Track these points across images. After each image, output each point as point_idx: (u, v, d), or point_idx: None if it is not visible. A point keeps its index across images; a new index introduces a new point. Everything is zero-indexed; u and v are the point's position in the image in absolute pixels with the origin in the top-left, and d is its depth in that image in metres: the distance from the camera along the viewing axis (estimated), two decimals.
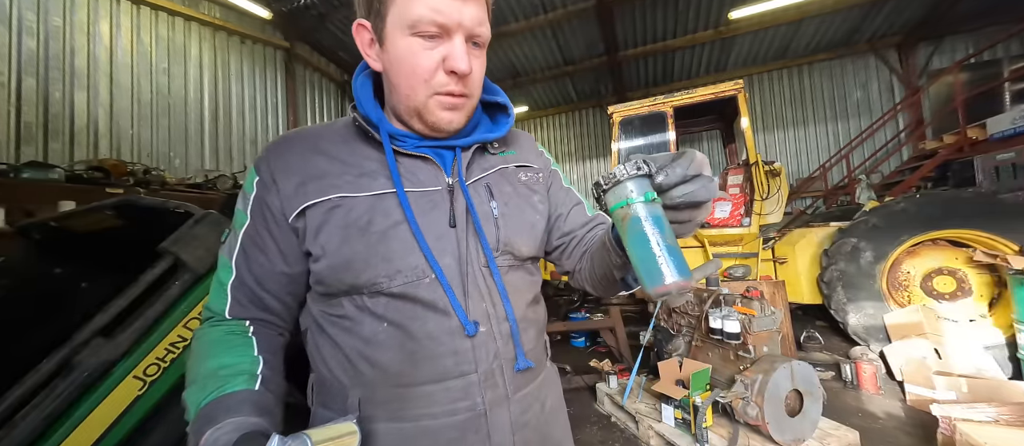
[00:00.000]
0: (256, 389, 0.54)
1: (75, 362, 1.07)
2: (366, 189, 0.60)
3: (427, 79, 0.57)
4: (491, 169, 0.69)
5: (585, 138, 11.23)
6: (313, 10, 7.32)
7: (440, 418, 0.59)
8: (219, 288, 0.62)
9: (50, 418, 1.00)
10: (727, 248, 3.89)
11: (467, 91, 0.60)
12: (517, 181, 0.71)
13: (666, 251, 0.39)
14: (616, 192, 0.41)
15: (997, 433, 1.78)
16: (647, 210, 0.40)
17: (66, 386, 1.03)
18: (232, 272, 0.61)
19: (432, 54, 0.56)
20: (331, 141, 0.64)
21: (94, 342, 1.12)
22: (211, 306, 0.63)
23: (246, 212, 0.62)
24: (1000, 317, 2.99)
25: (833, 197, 7.92)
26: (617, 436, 2.53)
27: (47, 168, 3.60)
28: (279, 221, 0.60)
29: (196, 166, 6.16)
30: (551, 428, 0.69)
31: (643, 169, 0.41)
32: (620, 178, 0.41)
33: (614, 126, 4.36)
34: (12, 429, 0.96)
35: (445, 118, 0.60)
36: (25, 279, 1.43)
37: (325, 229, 0.58)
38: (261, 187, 0.61)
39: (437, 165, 0.64)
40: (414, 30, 0.55)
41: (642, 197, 0.41)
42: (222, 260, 0.63)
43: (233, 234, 0.63)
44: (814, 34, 8.47)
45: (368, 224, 0.58)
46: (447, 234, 0.61)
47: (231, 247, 0.62)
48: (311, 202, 0.59)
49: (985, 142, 5.12)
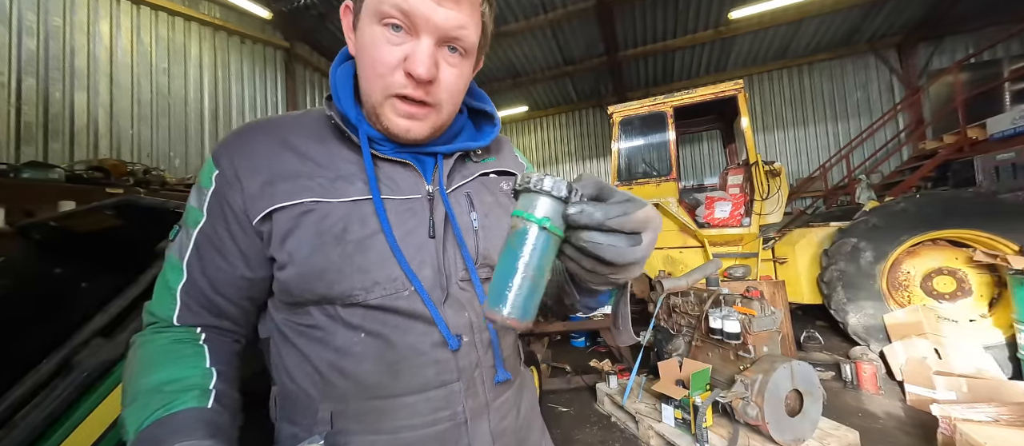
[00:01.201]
0: (209, 406, 0.48)
1: (75, 362, 1.07)
2: (342, 194, 0.55)
3: (383, 75, 0.52)
4: (470, 177, 0.65)
5: (585, 138, 11.23)
6: (313, 10, 7.32)
7: (420, 429, 0.56)
8: (165, 291, 0.56)
9: (50, 418, 1.00)
10: (727, 248, 3.89)
11: (431, 99, 0.54)
12: (499, 190, 0.68)
13: (524, 284, 0.35)
14: (524, 199, 0.37)
15: (997, 433, 1.78)
16: (538, 236, 0.36)
17: (66, 386, 1.03)
18: (183, 274, 0.55)
19: (394, 50, 0.51)
20: (302, 137, 0.58)
21: (94, 342, 1.11)
22: (155, 311, 0.56)
23: (201, 209, 0.56)
24: (1000, 317, 2.99)
25: (833, 197, 7.92)
26: (617, 436, 2.53)
27: (47, 168, 3.60)
28: (241, 222, 0.54)
29: (196, 166, 6.17)
30: (528, 432, 0.69)
31: (561, 193, 0.36)
32: (533, 188, 0.36)
33: (614, 126, 4.36)
34: (12, 429, 0.96)
35: (401, 125, 0.55)
36: (25, 279, 1.43)
37: (294, 235, 0.53)
38: (222, 182, 0.55)
39: (418, 172, 0.60)
40: (382, 18, 0.50)
41: (544, 220, 0.36)
42: (170, 260, 0.57)
43: (184, 232, 0.57)
44: (814, 34, 8.47)
45: (343, 232, 0.54)
46: (426, 245, 0.57)
47: (182, 246, 0.56)
48: (280, 205, 0.53)
49: (985, 142, 5.12)
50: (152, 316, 0.57)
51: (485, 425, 0.60)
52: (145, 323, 0.58)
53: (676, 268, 4.02)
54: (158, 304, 0.56)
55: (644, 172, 4.37)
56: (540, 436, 0.72)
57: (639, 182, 4.19)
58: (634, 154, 4.46)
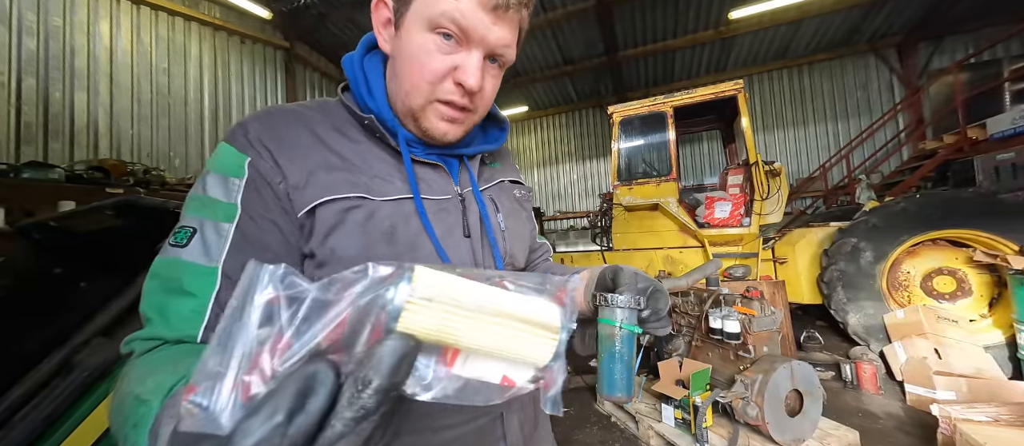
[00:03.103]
0: None
1: (75, 362, 1.08)
2: (383, 193, 0.55)
3: (432, 82, 0.53)
4: (492, 181, 0.70)
5: (585, 138, 11.23)
6: (313, 10, 7.33)
7: (458, 428, 0.58)
8: (184, 304, 0.45)
9: (50, 418, 1.00)
10: (727, 248, 3.89)
11: (472, 106, 0.57)
12: (512, 197, 0.73)
13: (627, 372, 0.51)
14: (611, 312, 0.52)
15: (997, 433, 1.77)
16: (627, 338, 0.51)
17: (66, 386, 1.03)
18: (216, 281, 0.46)
19: (445, 59, 0.52)
20: (327, 129, 0.57)
21: (94, 342, 1.12)
22: (162, 333, 0.44)
23: (234, 201, 0.49)
24: (1000, 317, 2.99)
25: (833, 197, 7.92)
26: (617, 436, 2.53)
27: (47, 168, 3.61)
28: (288, 212, 0.51)
29: (196, 166, 6.17)
30: (541, 421, 0.73)
31: (637, 305, 0.52)
32: (619, 306, 0.52)
33: (614, 126, 4.36)
34: (12, 429, 0.96)
35: (440, 128, 0.57)
36: (25, 279, 1.43)
37: (339, 231, 0.51)
38: (260, 170, 0.50)
39: (447, 173, 0.62)
40: (434, 27, 0.51)
41: (627, 326, 0.51)
42: (189, 267, 0.46)
43: (210, 230, 0.48)
44: (814, 34, 8.47)
45: (392, 230, 0.54)
46: (462, 244, 0.60)
47: (209, 247, 0.47)
48: (327, 198, 0.51)
49: (985, 142, 5.12)
50: (157, 339, 0.44)
51: (515, 417, 0.64)
52: (145, 350, 0.44)
53: (676, 268, 4.02)
54: (171, 323, 0.44)
55: (644, 172, 4.37)
56: (545, 421, 0.76)
57: (639, 182, 4.19)
58: (634, 154, 4.45)
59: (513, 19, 0.53)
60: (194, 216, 0.49)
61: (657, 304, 0.55)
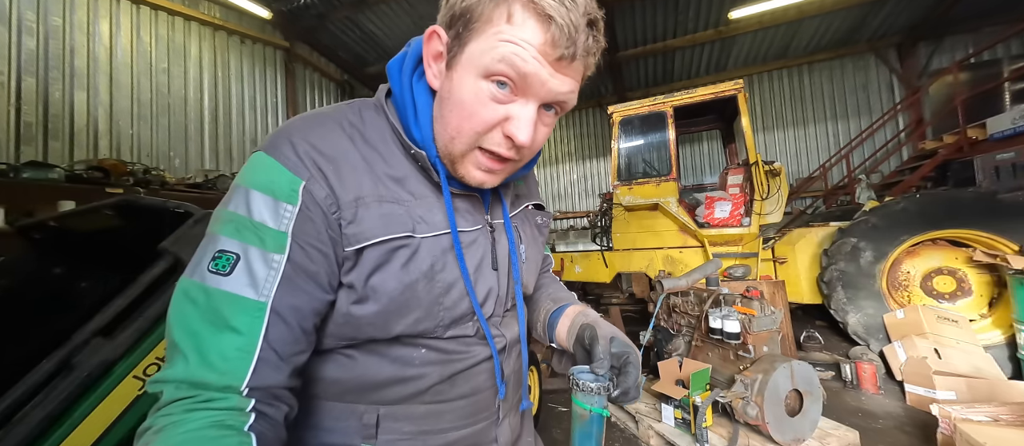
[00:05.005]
0: None
1: (75, 362, 1.07)
2: (426, 229, 0.53)
3: (480, 132, 0.49)
4: (518, 208, 0.69)
5: (585, 138, 11.23)
6: (313, 10, 7.32)
7: (461, 429, 0.60)
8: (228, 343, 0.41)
9: (50, 418, 1.00)
10: (727, 248, 3.89)
11: (517, 158, 0.52)
12: (534, 223, 0.72)
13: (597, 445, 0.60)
14: (583, 396, 0.58)
15: (997, 433, 1.77)
16: (597, 419, 0.58)
17: (66, 386, 1.03)
18: (264, 318, 0.42)
19: (498, 108, 0.48)
20: (371, 150, 0.53)
21: (94, 342, 1.12)
22: (203, 377, 0.39)
23: (285, 229, 0.45)
24: (1000, 317, 2.99)
25: (833, 197, 7.92)
26: (617, 436, 2.53)
27: (47, 168, 3.61)
28: (337, 246, 0.48)
29: (196, 166, 6.17)
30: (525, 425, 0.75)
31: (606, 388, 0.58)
32: (589, 389, 0.57)
33: (614, 126, 4.36)
34: (12, 429, 0.96)
35: (477, 178, 0.53)
36: (25, 279, 1.43)
37: (383, 270, 0.49)
38: (316, 198, 0.46)
39: (480, 202, 0.61)
40: (489, 75, 0.46)
41: (597, 410, 0.58)
42: (235, 300, 0.42)
43: (258, 260, 0.43)
44: (814, 34, 8.47)
45: (431, 271, 0.52)
46: (490, 277, 0.60)
47: (257, 279, 0.43)
48: (377, 239, 0.49)
49: (985, 142, 5.12)
50: (192, 387, 0.40)
51: (507, 423, 0.66)
52: (178, 396, 0.39)
53: (676, 268, 4.02)
54: (211, 363, 0.40)
55: (644, 172, 4.36)
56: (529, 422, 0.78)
57: (639, 182, 4.19)
58: (634, 154, 4.45)
59: (578, 69, 0.49)
60: (236, 241, 0.44)
61: (627, 382, 0.58)
